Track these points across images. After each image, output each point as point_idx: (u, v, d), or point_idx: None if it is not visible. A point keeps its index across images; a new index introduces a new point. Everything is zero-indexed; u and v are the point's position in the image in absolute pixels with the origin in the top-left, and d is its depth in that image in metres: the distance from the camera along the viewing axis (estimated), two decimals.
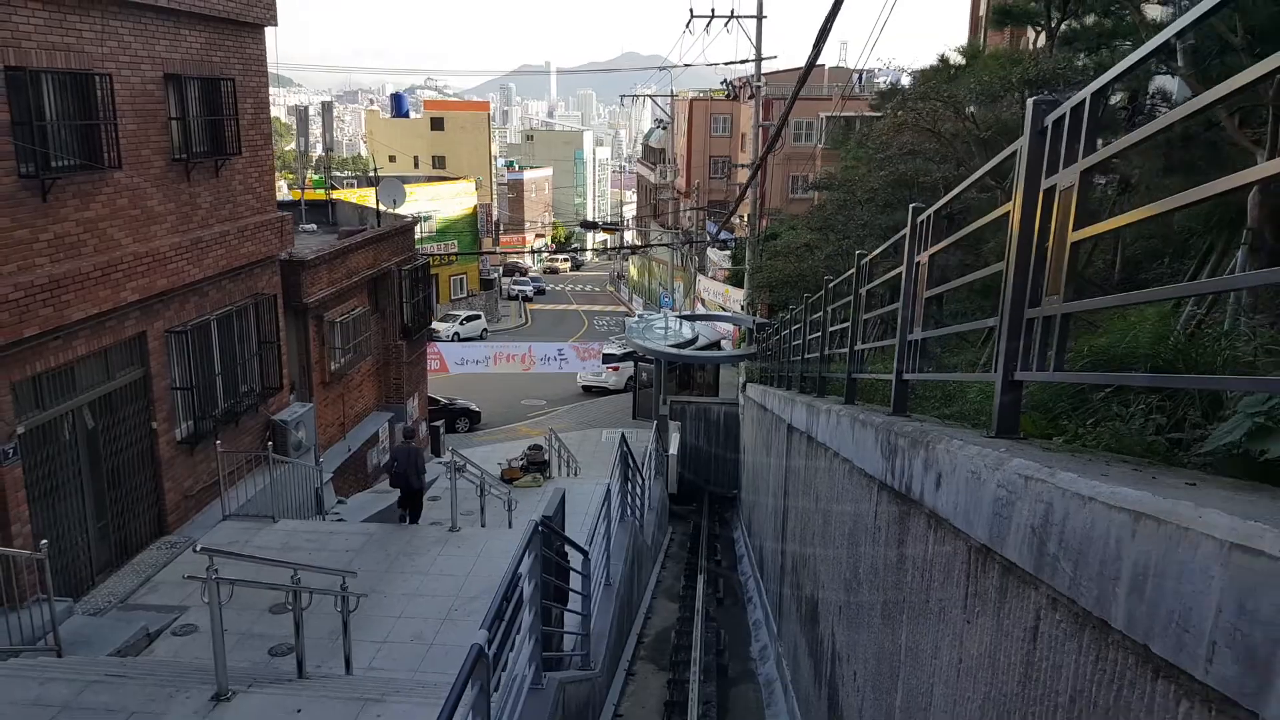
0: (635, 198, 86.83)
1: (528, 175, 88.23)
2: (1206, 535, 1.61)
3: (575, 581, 8.24)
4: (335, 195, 24.66)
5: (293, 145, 46.16)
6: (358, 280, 16.76)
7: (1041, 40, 9.93)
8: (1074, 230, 2.76)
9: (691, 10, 26.54)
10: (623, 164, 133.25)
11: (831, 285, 8.25)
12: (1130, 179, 7.91)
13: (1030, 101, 3.06)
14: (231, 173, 12.44)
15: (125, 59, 10.22)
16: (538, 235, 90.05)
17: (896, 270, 5.03)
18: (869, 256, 6.44)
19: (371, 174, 51.21)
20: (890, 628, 4.34)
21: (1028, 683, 2.51)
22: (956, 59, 11.33)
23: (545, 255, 78.63)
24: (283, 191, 33.76)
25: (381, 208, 18.97)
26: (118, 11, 10.05)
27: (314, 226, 19.61)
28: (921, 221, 4.68)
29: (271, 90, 14.11)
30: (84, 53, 9.58)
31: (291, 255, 14.26)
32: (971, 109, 8.71)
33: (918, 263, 4.70)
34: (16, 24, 8.65)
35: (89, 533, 10.09)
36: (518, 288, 62.78)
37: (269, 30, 13.48)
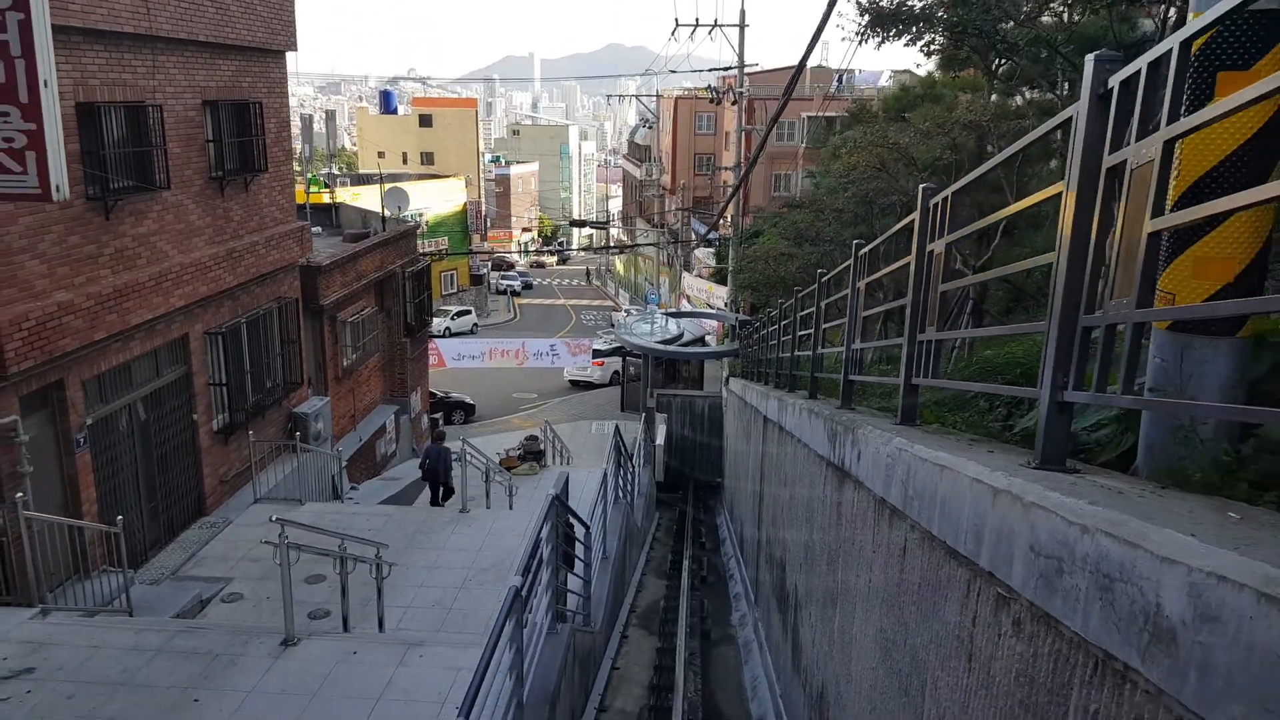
0: (621, 192, 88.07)
1: (514, 170, 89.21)
2: (966, 476, 2.94)
3: (578, 551, 9.55)
4: (337, 198, 25.78)
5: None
6: (366, 282, 17.97)
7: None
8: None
9: (677, 20, 27.89)
10: (608, 157, 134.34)
11: (801, 295, 9.59)
12: None
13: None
14: (259, 187, 13.64)
15: (171, 90, 11.41)
16: (524, 230, 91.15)
17: (844, 293, 6.37)
18: (828, 276, 7.76)
19: (363, 173, 52.20)
20: (831, 571, 5.68)
21: (902, 585, 3.84)
22: (917, 89, 12.68)
23: (533, 251, 79.72)
24: None
25: (386, 212, 20.15)
26: (165, 47, 11.22)
27: (319, 229, 20.77)
28: (861, 256, 6.01)
29: None
30: (138, 86, 10.77)
31: (309, 261, 15.47)
32: (911, 152, 10.07)
33: (858, 288, 6.03)
34: (85, 65, 9.84)
35: (142, 513, 11.32)
36: (506, 283, 63.93)
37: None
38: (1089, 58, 2.55)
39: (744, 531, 14.99)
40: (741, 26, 28.64)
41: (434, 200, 49.75)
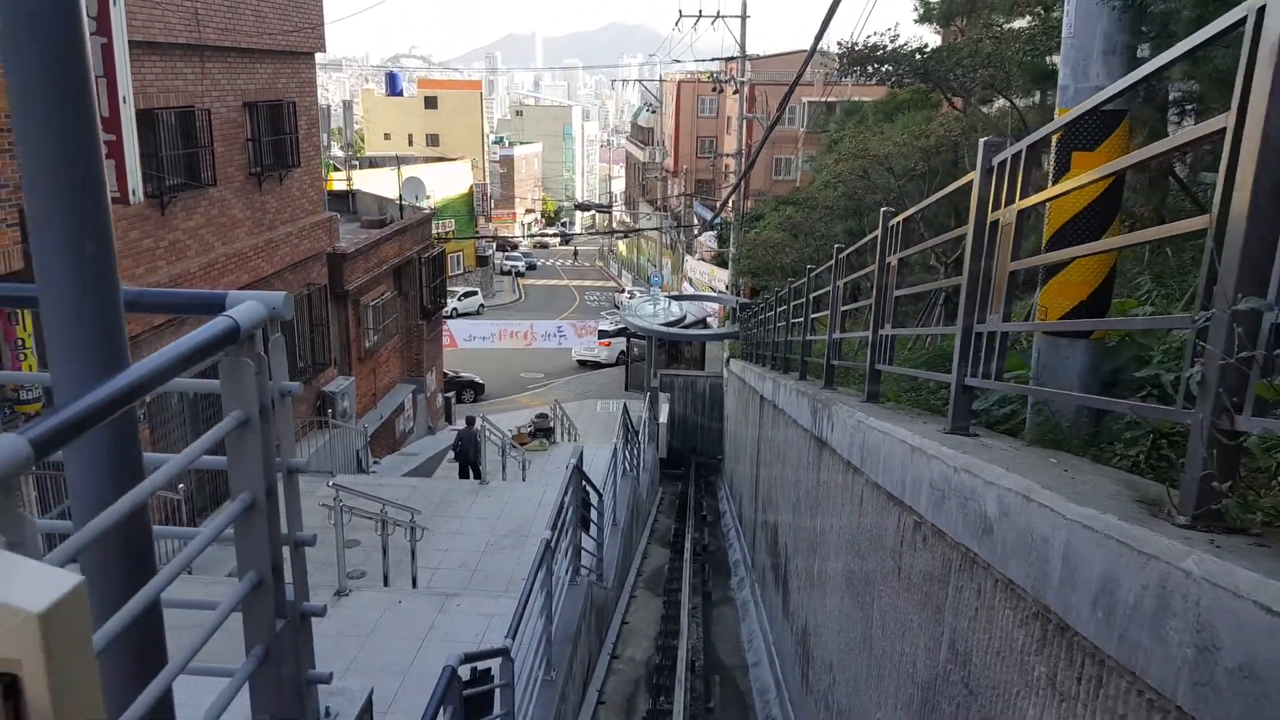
0: (623, 173, 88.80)
1: (518, 151, 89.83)
2: (897, 438, 3.98)
3: (593, 517, 10.63)
4: (352, 185, 26.71)
5: None
6: (386, 268, 18.99)
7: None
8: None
9: (680, 11, 28.62)
10: (610, 137, 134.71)
11: (794, 285, 10.61)
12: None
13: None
14: (292, 181, 14.63)
15: (216, 94, 12.38)
16: (528, 210, 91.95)
17: (827, 289, 7.39)
18: (815, 271, 8.78)
19: (371, 155, 53.01)
20: (813, 523, 6.75)
21: (859, 527, 4.90)
22: (903, 93, 13.67)
23: (537, 233, 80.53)
24: None
25: (403, 201, 21.13)
26: (211, 55, 12.19)
27: (332, 213, 21.73)
28: (841, 258, 7.02)
29: None
30: (188, 91, 11.75)
31: (335, 249, 16.48)
32: (889, 163, 11.08)
33: (838, 286, 7.05)
34: (144, 75, 10.81)
35: (191, 484, 12.40)
36: (511, 263, 64.85)
37: None
38: (981, 143, 3.57)
39: (742, 503, 16.07)
40: (743, 18, 29.47)
41: (442, 183, 50.59)
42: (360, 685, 2.79)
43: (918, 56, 9.59)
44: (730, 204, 30.39)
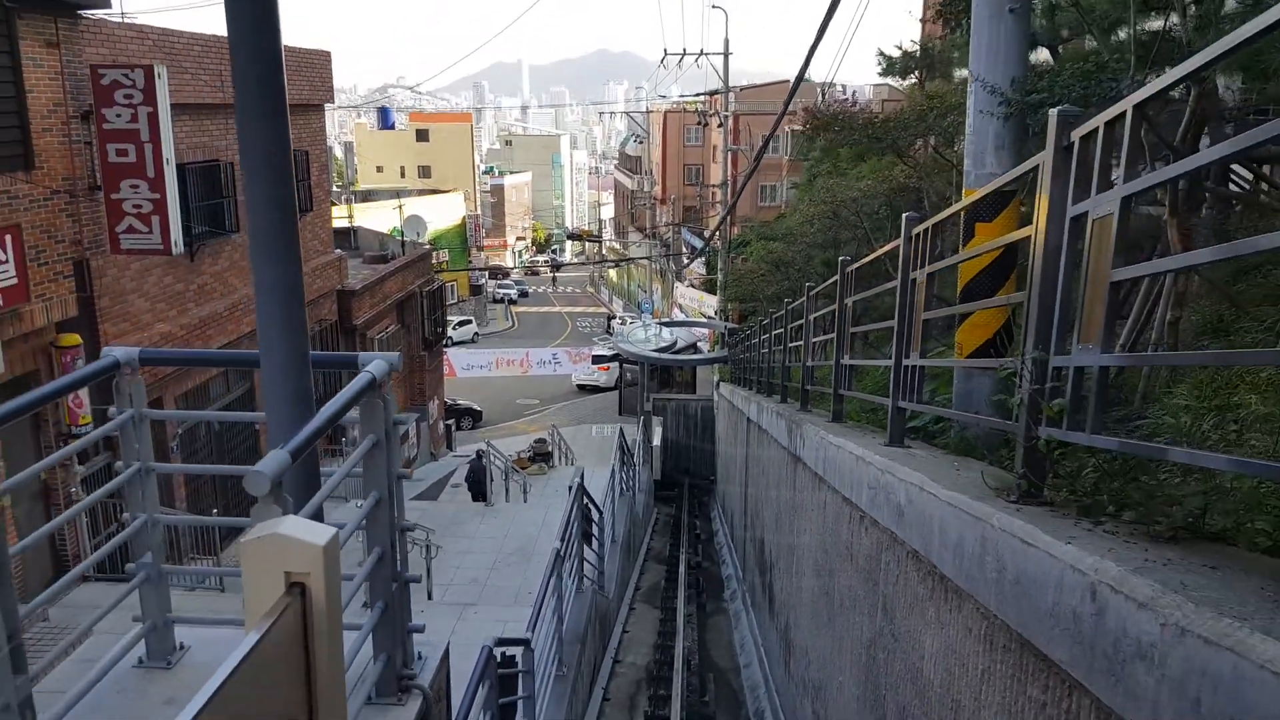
0: (612, 199, 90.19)
1: (508, 181, 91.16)
2: (848, 450, 4.94)
3: (595, 532, 11.53)
4: (354, 221, 27.71)
5: None
6: (390, 302, 19.94)
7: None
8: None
9: (665, 49, 29.89)
10: (598, 164, 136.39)
11: (774, 316, 11.60)
12: None
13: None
14: (305, 225, 15.60)
15: (237, 147, 13.35)
16: (518, 238, 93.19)
17: (799, 321, 8.38)
18: (792, 305, 9.77)
19: (366, 188, 54.04)
20: (791, 529, 7.70)
21: (824, 527, 5.84)
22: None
23: (527, 259, 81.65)
24: None
25: (405, 238, 22.13)
26: (234, 112, 13.16)
27: (340, 252, 22.72)
28: (811, 297, 8.02)
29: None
30: (213, 146, 12.74)
31: (344, 286, 17.43)
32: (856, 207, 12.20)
33: (809, 321, 8.04)
34: (176, 133, 11.76)
35: (218, 509, 13.26)
36: (503, 291, 65.87)
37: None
38: (904, 216, 4.57)
39: (734, 520, 16.98)
40: (726, 55, 30.75)
41: (435, 215, 51.68)
42: (439, 639, 3.72)
43: (868, 124, 10.74)
44: (717, 233, 31.52)
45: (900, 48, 14.42)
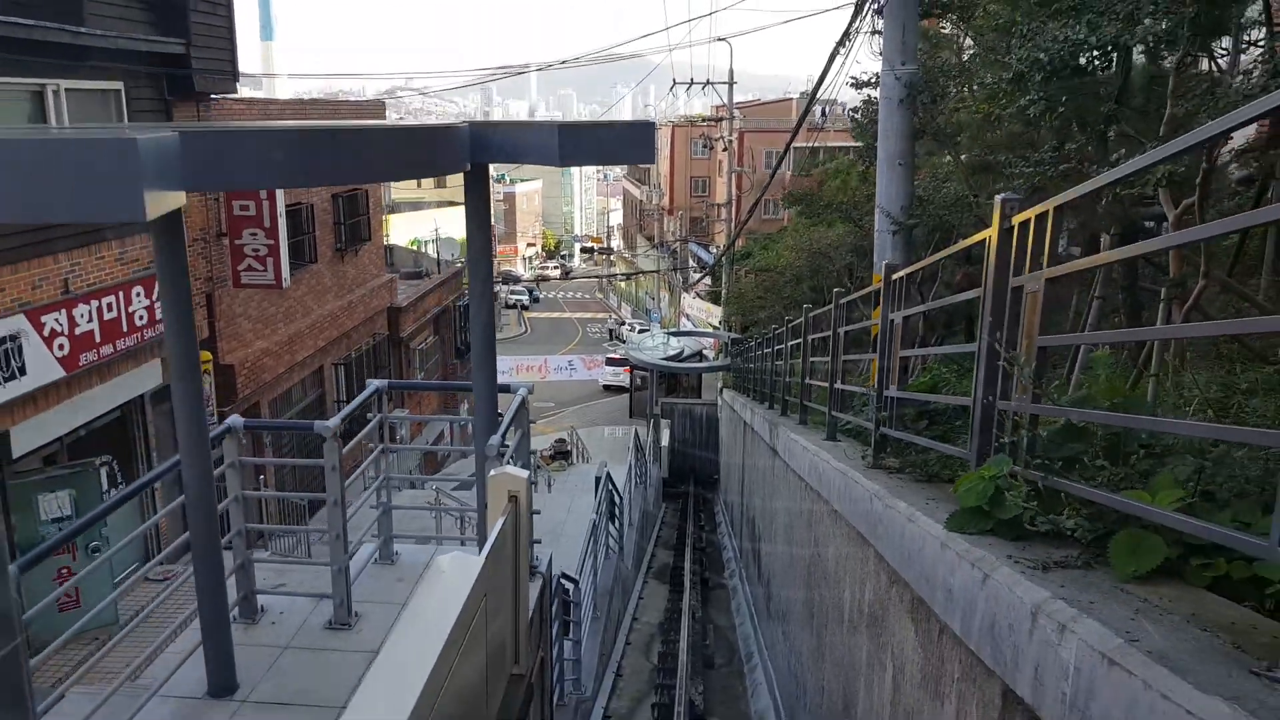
0: (620, 206, 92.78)
1: (520, 188, 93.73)
2: (800, 443, 7.37)
3: (616, 512, 13.97)
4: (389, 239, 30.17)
5: None
6: (429, 316, 22.42)
7: None
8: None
9: (674, 79, 32.31)
10: (606, 171, 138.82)
11: (766, 336, 14.01)
12: None
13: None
14: (364, 253, 18.09)
15: (315, 191, 15.85)
16: (529, 244, 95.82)
17: (798, 341, 10.80)
18: (784, 325, 12.18)
19: (389, 203, 56.40)
20: (774, 509, 10.12)
21: (792, 506, 8.26)
22: (855, 180, 17.47)
23: (538, 267, 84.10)
24: None
25: (440, 258, 24.62)
26: None
27: (390, 275, 25.22)
28: (791, 327, 10.43)
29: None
30: (298, 192, 15.21)
31: (393, 303, 19.91)
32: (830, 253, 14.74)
33: (790, 346, 10.45)
34: None
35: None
36: (515, 296, 68.35)
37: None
38: (834, 291, 7.00)
39: (733, 512, 19.38)
40: (730, 84, 33.21)
41: (454, 227, 54.12)
42: (548, 551, 6.16)
43: (827, 205, 13.39)
44: (720, 246, 33.95)
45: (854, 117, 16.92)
